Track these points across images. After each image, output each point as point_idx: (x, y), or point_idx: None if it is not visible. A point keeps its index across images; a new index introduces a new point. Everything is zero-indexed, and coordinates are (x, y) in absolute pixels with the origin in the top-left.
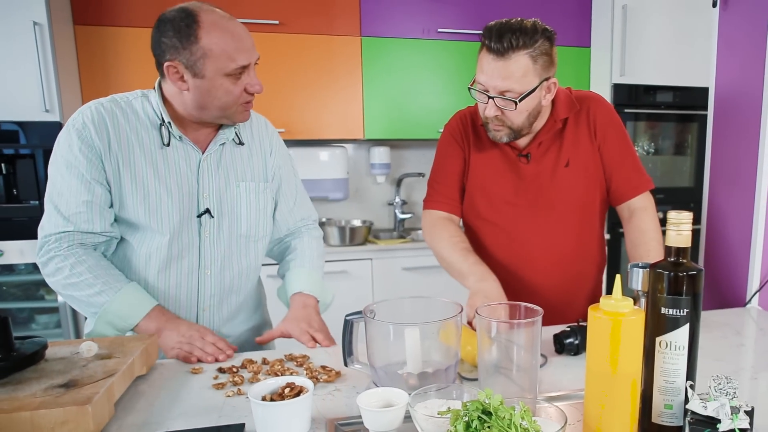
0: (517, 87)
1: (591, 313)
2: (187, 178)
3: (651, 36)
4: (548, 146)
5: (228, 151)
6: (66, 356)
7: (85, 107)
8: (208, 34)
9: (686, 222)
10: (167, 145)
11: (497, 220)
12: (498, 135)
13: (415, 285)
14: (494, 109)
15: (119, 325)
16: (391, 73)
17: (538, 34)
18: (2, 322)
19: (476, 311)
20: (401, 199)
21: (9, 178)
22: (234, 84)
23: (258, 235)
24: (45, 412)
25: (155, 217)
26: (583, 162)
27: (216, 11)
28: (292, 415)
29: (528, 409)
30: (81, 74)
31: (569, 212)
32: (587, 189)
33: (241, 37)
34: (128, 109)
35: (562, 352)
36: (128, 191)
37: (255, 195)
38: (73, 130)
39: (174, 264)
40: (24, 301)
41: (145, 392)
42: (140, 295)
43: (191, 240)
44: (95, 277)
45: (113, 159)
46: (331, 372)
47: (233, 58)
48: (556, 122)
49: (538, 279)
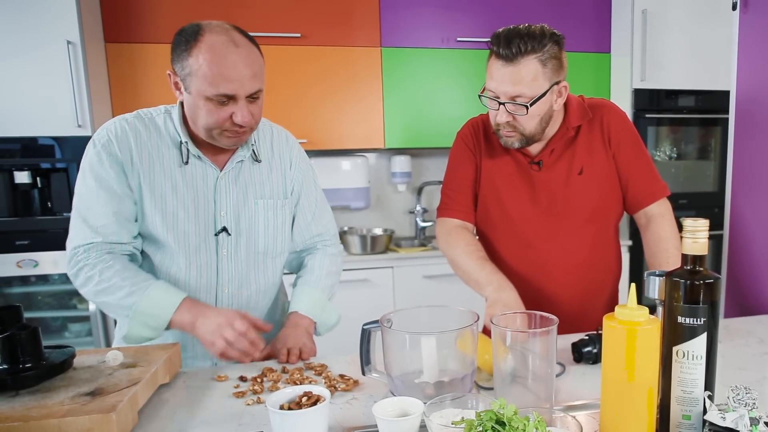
0: (527, 91)
1: (606, 322)
2: (204, 196)
3: (671, 40)
4: (560, 153)
5: (246, 168)
6: (93, 365)
7: (110, 122)
8: (198, 54)
9: (702, 230)
10: (186, 163)
11: (510, 228)
12: (510, 141)
13: (436, 293)
14: (505, 115)
15: (153, 323)
16: (411, 83)
17: (546, 38)
18: (33, 332)
19: (491, 321)
20: (422, 207)
21: (44, 191)
22: (217, 108)
23: (276, 251)
24: (71, 419)
25: (172, 233)
26: (597, 170)
27: (223, 36)
28: (308, 423)
29: (542, 419)
30: (112, 90)
31: (583, 220)
32: (601, 197)
33: (232, 67)
34: (151, 125)
35: (581, 361)
36: (148, 207)
37: (273, 212)
38: (98, 144)
39: (192, 282)
40: (57, 310)
41: (168, 400)
42: (168, 291)
43: (209, 258)
44: (123, 279)
45: (135, 174)
46: (349, 381)
47: (214, 84)
48: (569, 130)
49: (552, 287)
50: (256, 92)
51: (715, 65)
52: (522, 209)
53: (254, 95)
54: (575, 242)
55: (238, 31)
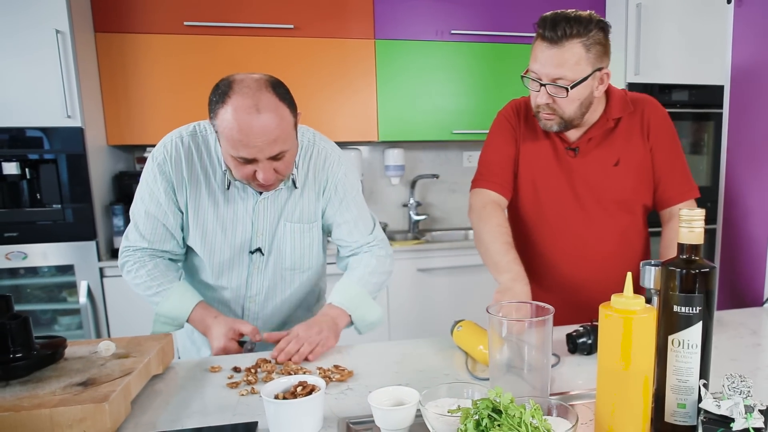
0: (569, 74)
1: (602, 311)
2: (242, 219)
3: (665, 34)
4: (598, 143)
5: (284, 193)
6: (84, 355)
7: (168, 138)
8: (224, 116)
9: (698, 219)
10: (228, 188)
11: (541, 211)
12: (548, 124)
13: (430, 286)
14: (546, 97)
15: (172, 323)
16: (404, 75)
17: (593, 24)
18: (23, 321)
19: (487, 310)
20: (416, 200)
21: (33, 183)
22: (241, 166)
23: (303, 267)
24: (64, 409)
25: (208, 250)
26: (633, 162)
27: (248, 100)
28: (303, 413)
29: (538, 407)
30: (102, 80)
31: (614, 209)
32: (635, 189)
33: (250, 134)
34: (203, 146)
35: (575, 352)
36: (192, 223)
37: (300, 234)
38: (155, 162)
39: (223, 293)
40: (47, 302)
41: (162, 391)
42: (183, 295)
43: (240, 273)
44: (152, 279)
45: (183, 193)
46: (344, 371)
47: (235, 148)
48: (609, 120)
49: (580, 273)
50: (278, 154)
51: (709, 60)
52: (554, 194)
53: (277, 156)
54: (605, 230)
55: (269, 90)
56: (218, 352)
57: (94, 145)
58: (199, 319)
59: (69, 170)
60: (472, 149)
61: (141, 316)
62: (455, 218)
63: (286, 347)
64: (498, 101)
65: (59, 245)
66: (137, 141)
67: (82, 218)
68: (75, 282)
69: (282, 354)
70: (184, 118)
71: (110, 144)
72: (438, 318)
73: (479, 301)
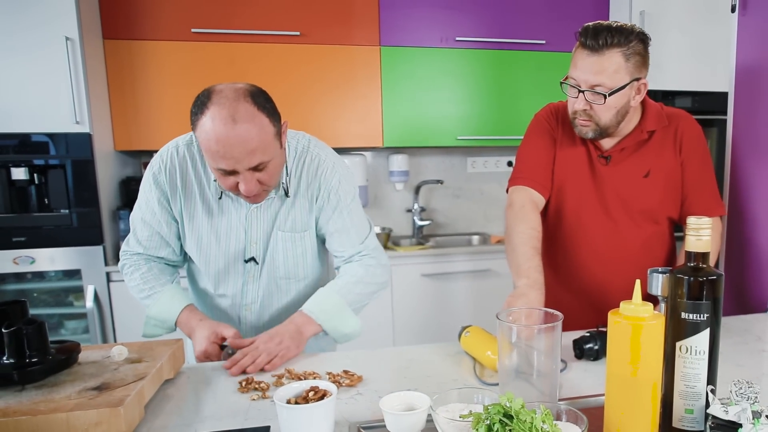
0: (608, 82)
1: (611, 317)
2: (236, 228)
3: (669, 41)
4: (630, 153)
5: (276, 202)
6: (98, 360)
7: (165, 149)
8: (202, 127)
9: (706, 227)
10: (221, 198)
11: (565, 213)
12: (584, 130)
13: (435, 291)
14: (584, 103)
15: (162, 325)
16: (409, 82)
17: (633, 35)
18: (39, 327)
19: (497, 316)
20: (420, 206)
21: (41, 188)
22: (224, 177)
23: (298, 276)
24: (80, 413)
25: (204, 259)
26: (664, 175)
27: (224, 110)
28: (316, 418)
29: (549, 412)
30: (110, 87)
31: (641, 219)
32: (662, 201)
33: (227, 145)
34: (198, 155)
35: (582, 358)
36: (187, 232)
37: (292, 243)
38: (151, 172)
39: (220, 301)
40: (54, 307)
41: (173, 396)
42: (173, 298)
43: (235, 281)
44: (144, 282)
45: (177, 203)
46: (353, 376)
47: (214, 159)
48: (643, 132)
49: (600, 277)
50: (258, 165)
51: (712, 66)
52: (581, 198)
53: (258, 167)
54: (629, 237)
55: (247, 100)
56: (200, 355)
57: (101, 150)
58: (185, 322)
59: (77, 175)
60: (476, 155)
61: None
62: (459, 224)
63: (241, 359)
64: (502, 108)
65: (66, 250)
66: (144, 146)
67: (89, 223)
68: (82, 286)
69: (235, 367)
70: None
71: (117, 149)
72: (442, 323)
73: (483, 306)
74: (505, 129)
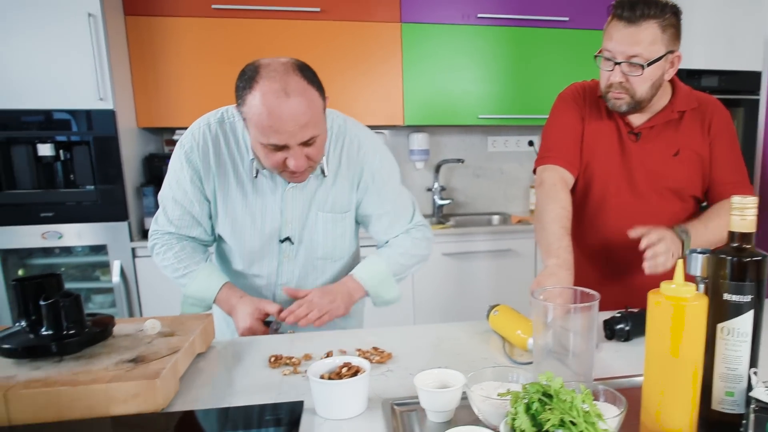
0: (645, 53)
1: (651, 297)
2: (271, 207)
3: (695, 19)
4: (660, 131)
5: (312, 182)
6: (131, 333)
7: (196, 126)
8: (252, 102)
9: (751, 207)
10: (256, 177)
11: (593, 193)
12: (618, 103)
13: (455, 271)
14: (620, 76)
15: (200, 304)
16: (430, 59)
17: (668, 8)
18: (75, 299)
19: (532, 294)
20: (440, 185)
21: (67, 164)
22: (271, 153)
23: (335, 256)
24: (118, 385)
25: (239, 240)
26: (693, 155)
27: (275, 84)
28: (350, 393)
29: (589, 392)
30: (132, 63)
31: (668, 197)
32: (690, 180)
33: (280, 119)
34: (231, 134)
35: (612, 338)
36: (221, 212)
37: (332, 224)
38: (182, 150)
39: (254, 281)
40: (81, 281)
41: (205, 369)
42: (210, 276)
43: (270, 261)
44: (179, 261)
45: (210, 181)
46: (383, 353)
47: (265, 135)
48: (673, 112)
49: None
50: (309, 139)
51: (740, 45)
52: (610, 175)
53: (308, 142)
54: (656, 213)
55: (296, 73)
56: (244, 332)
57: (125, 127)
58: (225, 300)
59: (101, 152)
60: (497, 134)
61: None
62: (479, 203)
63: (297, 310)
64: (524, 86)
65: (92, 225)
66: (166, 123)
67: (114, 199)
68: (108, 261)
69: (291, 315)
70: (211, 100)
71: (140, 126)
72: (464, 302)
73: (505, 286)
74: (527, 108)
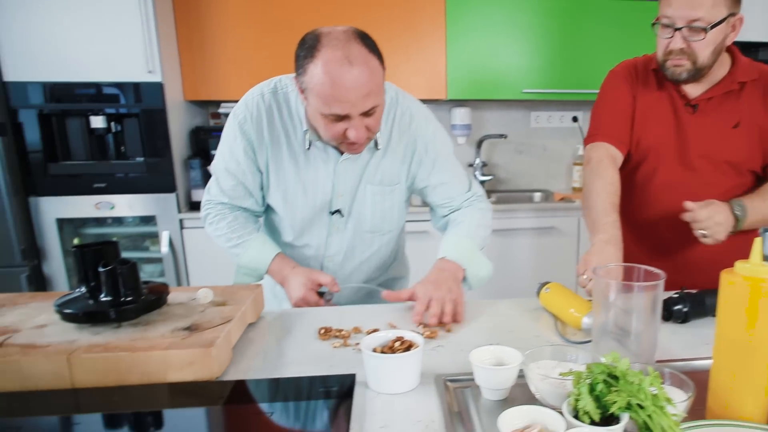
0: (706, 16)
1: (725, 277)
2: (323, 179)
3: None
4: (719, 103)
5: (365, 154)
6: (184, 302)
7: (249, 96)
8: (314, 71)
9: None
10: (308, 148)
11: (645, 167)
12: (678, 70)
13: (498, 247)
14: (681, 41)
15: (253, 274)
16: (474, 32)
17: None
18: (132, 267)
19: (594, 271)
20: (482, 160)
21: (117, 136)
22: (332, 124)
23: (383, 230)
24: (175, 352)
25: (290, 211)
26: (754, 127)
27: (338, 52)
28: (405, 368)
29: (657, 375)
30: (179, 36)
31: (726, 168)
32: (750, 153)
33: (343, 88)
34: (284, 105)
35: (670, 320)
36: (273, 183)
37: (381, 197)
38: (236, 120)
39: (303, 251)
40: (132, 251)
41: (255, 340)
42: (263, 246)
43: (319, 233)
44: (232, 231)
45: (264, 152)
46: (433, 328)
47: (327, 104)
48: (733, 83)
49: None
50: (370, 109)
51: None
52: (664, 148)
53: (369, 112)
54: (712, 187)
55: (358, 41)
56: (297, 302)
57: (172, 100)
58: (278, 270)
59: (150, 124)
60: (540, 109)
61: (219, 266)
62: (521, 179)
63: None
64: (570, 60)
65: (142, 197)
66: (212, 96)
67: (163, 171)
68: (157, 232)
69: (432, 317)
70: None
71: (187, 99)
72: (506, 279)
73: (546, 263)
74: (572, 82)
